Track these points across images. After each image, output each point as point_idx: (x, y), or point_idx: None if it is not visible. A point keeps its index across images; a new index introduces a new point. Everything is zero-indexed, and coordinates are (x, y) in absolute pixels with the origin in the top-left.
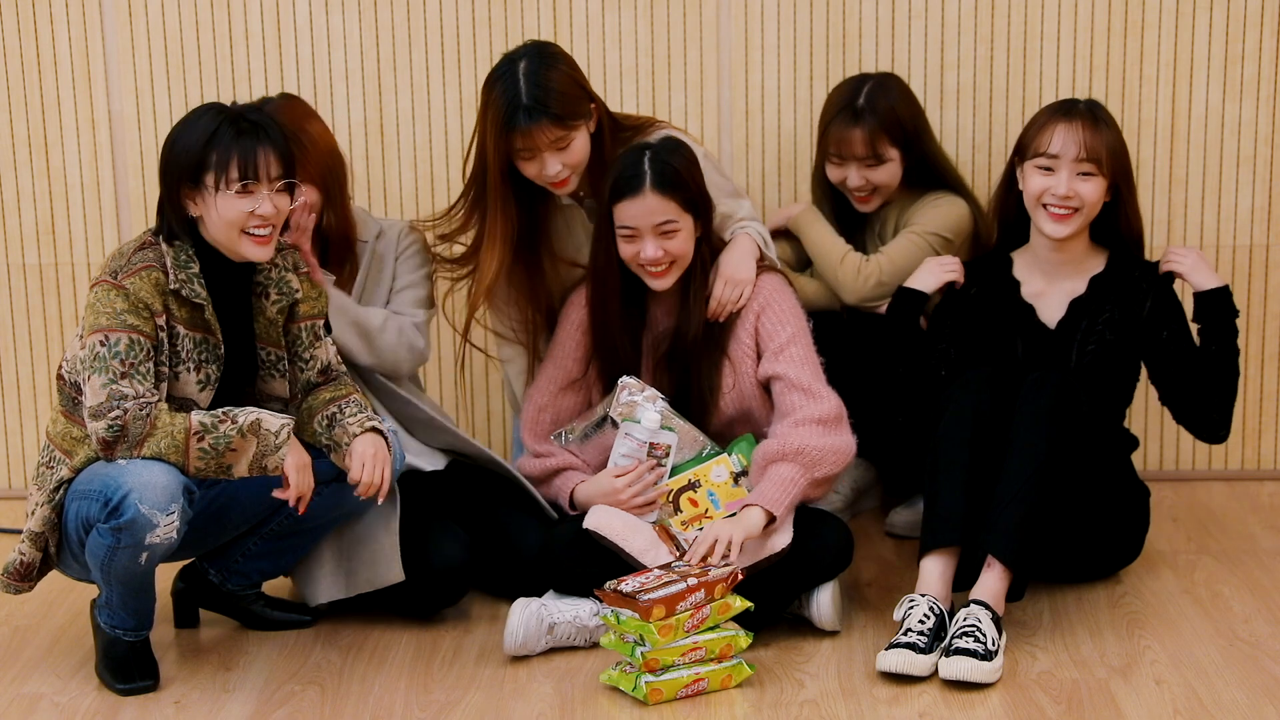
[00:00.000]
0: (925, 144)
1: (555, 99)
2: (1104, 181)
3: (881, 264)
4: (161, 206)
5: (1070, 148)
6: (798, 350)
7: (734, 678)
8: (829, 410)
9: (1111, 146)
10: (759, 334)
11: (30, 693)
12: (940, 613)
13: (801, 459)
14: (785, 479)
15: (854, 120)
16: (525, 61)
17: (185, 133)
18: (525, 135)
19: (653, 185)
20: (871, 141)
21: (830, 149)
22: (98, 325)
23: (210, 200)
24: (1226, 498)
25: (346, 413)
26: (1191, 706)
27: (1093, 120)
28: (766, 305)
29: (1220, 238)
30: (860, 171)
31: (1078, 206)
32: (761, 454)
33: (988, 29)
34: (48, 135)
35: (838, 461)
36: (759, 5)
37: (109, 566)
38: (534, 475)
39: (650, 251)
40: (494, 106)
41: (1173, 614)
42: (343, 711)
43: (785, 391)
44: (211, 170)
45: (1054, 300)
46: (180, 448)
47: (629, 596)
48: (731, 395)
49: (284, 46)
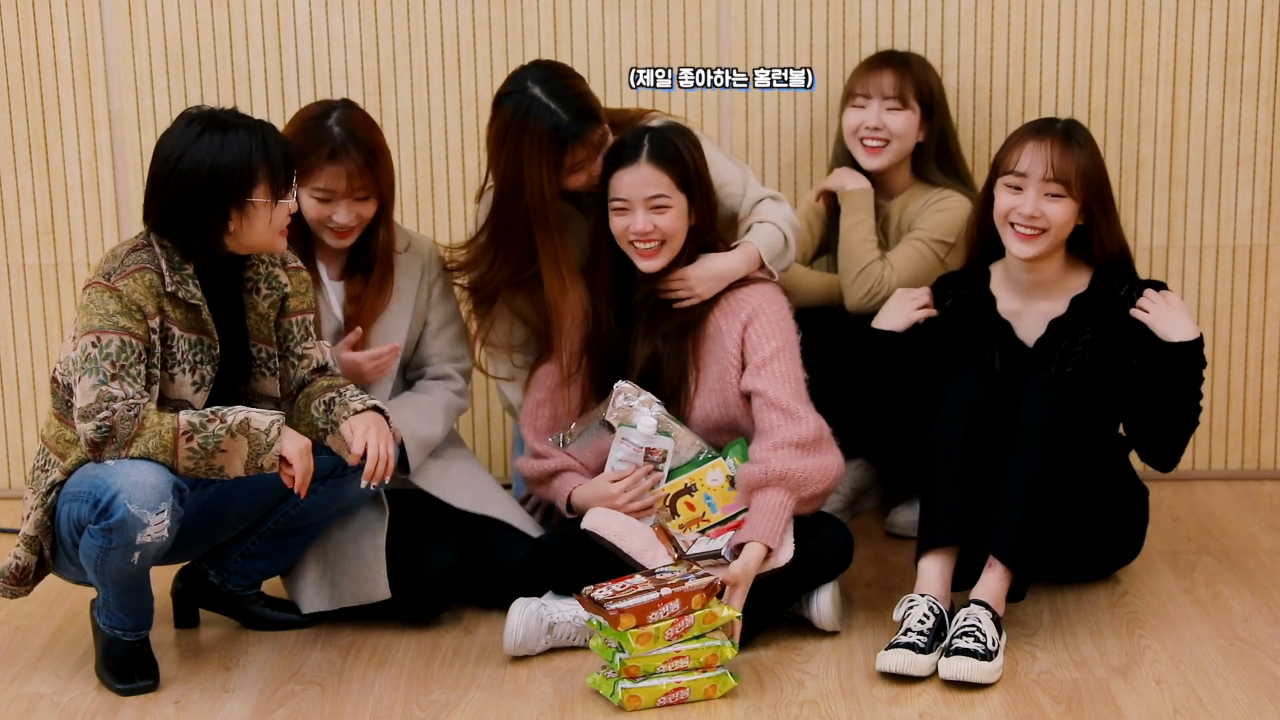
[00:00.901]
0: (944, 119)
1: (590, 104)
2: (1073, 204)
3: (890, 281)
4: (171, 221)
5: (1038, 167)
6: (781, 366)
7: (718, 688)
8: (808, 432)
9: (1084, 168)
10: (745, 344)
11: (30, 693)
12: (940, 613)
13: (786, 483)
14: (773, 505)
15: (886, 62)
16: (539, 86)
17: (223, 152)
18: (583, 147)
19: (649, 157)
20: (899, 84)
21: (856, 89)
22: (90, 326)
23: (260, 213)
24: (1226, 498)
25: (346, 395)
26: (1191, 706)
27: (1065, 140)
28: (755, 315)
29: (1220, 238)
30: (880, 113)
31: (1044, 227)
32: (744, 481)
33: (988, 29)
34: (48, 135)
35: (823, 480)
36: (759, 5)
37: (102, 568)
38: (532, 476)
39: (640, 224)
40: (534, 139)
41: (1173, 614)
42: (342, 711)
43: (764, 409)
44: (266, 182)
45: (1031, 320)
46: (168, 447)
47: (599, 604)
48: (712, 401)
49: (284, 46)
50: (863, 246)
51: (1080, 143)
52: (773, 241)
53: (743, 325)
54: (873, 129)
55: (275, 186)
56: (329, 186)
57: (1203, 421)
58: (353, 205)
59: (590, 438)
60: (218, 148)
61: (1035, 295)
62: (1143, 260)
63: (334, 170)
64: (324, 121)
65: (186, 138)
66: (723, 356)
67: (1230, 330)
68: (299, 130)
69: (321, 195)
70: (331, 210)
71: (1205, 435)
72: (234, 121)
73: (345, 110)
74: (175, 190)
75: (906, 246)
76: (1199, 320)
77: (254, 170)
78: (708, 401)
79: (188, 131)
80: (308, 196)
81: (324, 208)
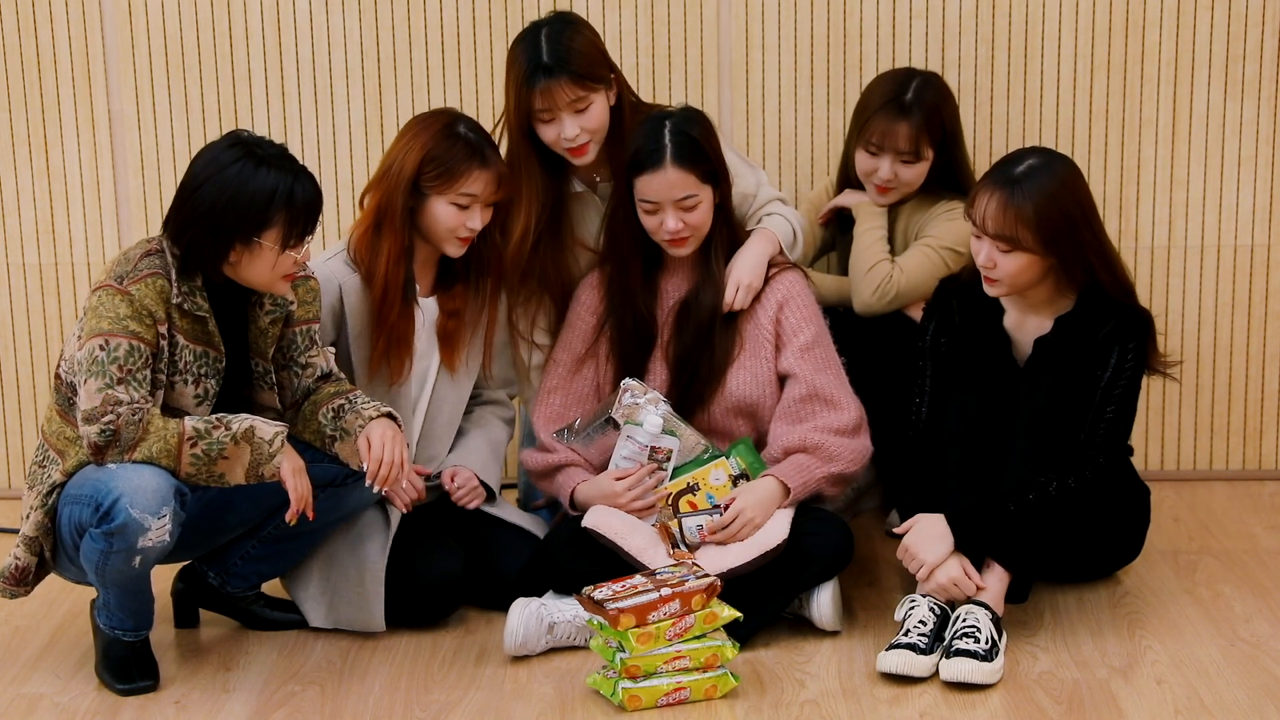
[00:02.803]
0: (956, 149)
1: (575, 58)
2: (1024, 255)
3: (900, 282)
4: (180, 234)
5: (985, 222)
6: (821, 353)
7: (719, 688)
8: (850, 420)
9: (1031, 219)
10: (780, 325)
11: (30, 693)
12: (941, 613)
13: (820, 453)
14: (804, 465)
15: (901, 114)
16: (549, 26)
17: (247, 185)
18: (545, 93)
19: (673, 159)
20: (915, 137)
21: (871, 139)
22: (98, 329)
23: (264, 256)
24: (1227, 498)
25: (357, 403)
26: (1192, 706)
27: (1008, 193)
28: (789, 299)
29: (1221, 237)
30: (894, 165)
31: (998, 277)
32: (780, 444)
33: (988, 28)
34: (48, 135)
35: (855, 461)
36: (759, 4)
37: (103, 570)
38: (536, 470)
39: (671, 224)
40: (515, 65)
41: (1174, 614)
42: (343, 711)
43: (807, 399)
44: (280, 228)
45: (1025, 336)
46: (172, 453)
47: (599, 604)
48: (744, 377)
49: (284, 45)
50: (875, 248)
51: (1031, 190)
52: (784, 230)
53: (777, 307)
54: (885, 179)
55: (287, 235)
56: (473, 192)
57: (1204, 421)
58: (484, 210)
59: (595, 434)
60: (244, 180)
61: (1029, 312)
62: (1143, 261)
63: (483, 176)
64: (457, 128)
65: (221, 161)
66: (757, 334)
67: (1231, 330)
68: (437, 140)
69: (466, 202)
70: (466, 217)
71: (1207, 435)
72: (271, 159)
73: (467, 119)
74: (191, 208)
75: (916, 251)
76: (1199, 320)
77: (270, 214)
78: (737, 378)
79: (225, 155)
80: (447, 205)
81: (462, 215)
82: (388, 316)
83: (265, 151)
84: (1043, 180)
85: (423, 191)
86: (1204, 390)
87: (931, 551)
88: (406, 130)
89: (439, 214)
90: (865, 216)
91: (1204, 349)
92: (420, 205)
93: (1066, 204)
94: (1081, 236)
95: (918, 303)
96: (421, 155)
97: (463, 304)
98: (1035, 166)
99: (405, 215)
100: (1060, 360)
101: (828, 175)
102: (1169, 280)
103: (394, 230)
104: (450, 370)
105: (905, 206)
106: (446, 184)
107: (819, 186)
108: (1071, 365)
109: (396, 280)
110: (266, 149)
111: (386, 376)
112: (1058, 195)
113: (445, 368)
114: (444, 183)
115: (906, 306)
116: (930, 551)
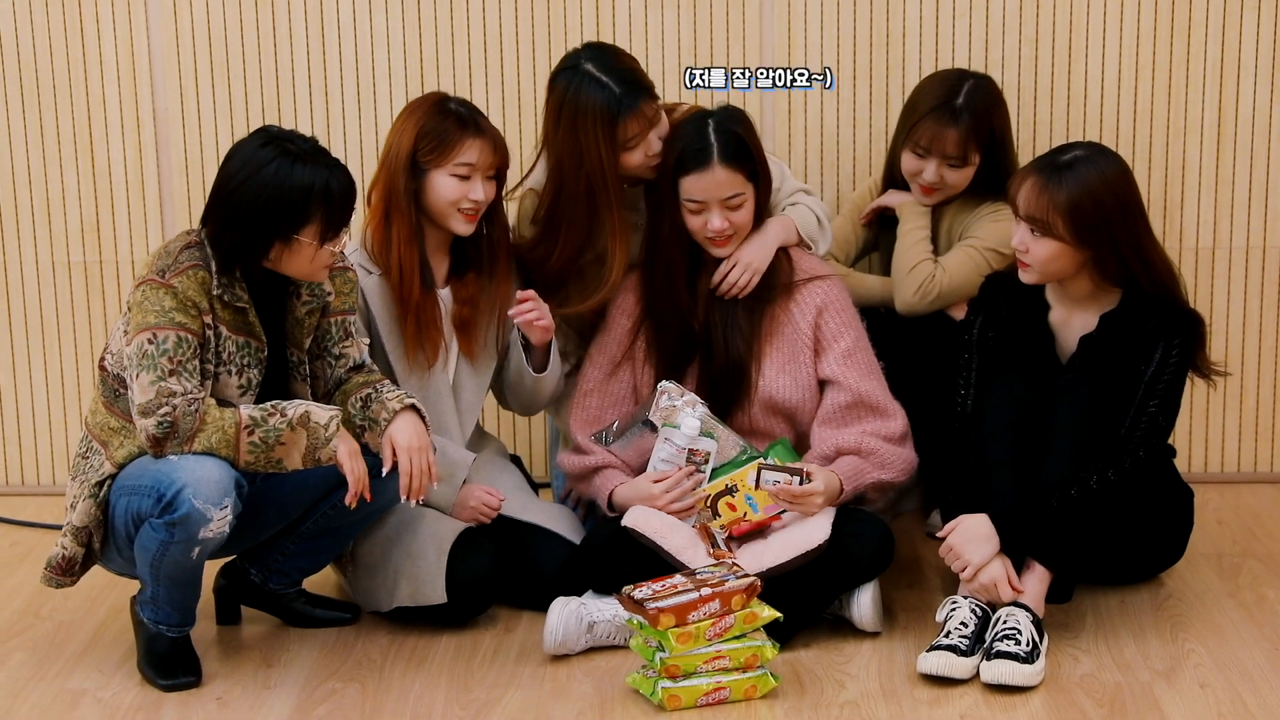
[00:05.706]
0: (1004, 152)
1: (640, 78)
2: (1056, 243)
3: (942, 282)
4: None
5: (1022, 204)
6: (864, 359)
7: (759, 688)
8: (899, 429)
9: (1066, 207)
10: (819, 330)
11: (74, 688)
12: (982, 615)
13: (874, 459)
14: (857, 468)
15: (951, 119)
16: (592, 63)
17: (284, 185)
18: (636, 118)
19: (720, 159)
20: (964, 142)
21: (920, 141)
22: (145, 323)
23: (303, 251)
24: (1273, 501)
25: (383, 392)
26: (1236, 711)
27: (1047, 179)
28: (828, 304)
29: (1267, 238)
30: (940, 168)
31: (1030, 263)
32: (832, 444)
33: (1032, 28)
34: (93, 133)
35: (904, 470)
36: (801, 5)
37: (159, 562)
38: (574, 472)
39: (717, 223)
40: (590, 111)
41: (1217, 617)
42: (383, 709)
43: (853, 405)
44: (318, 224)
45: (1070, 333)
46: (231, 442)
47: (639, 603)
48: (785, 381)
49: (327, 45)
50: (918, 247)
51: (1071, 180)
52: (806, 218)
53: (816, 312)
54: (930, 182)
55: (325, 230)
56: (469, 160)
57: (1249, 425)
58: (486, 183)
59: (633, 437)
60: (281, 179)
61: (1073, 308)
62: (1188, 262)
63: (477, 143)
64: (448, 104)
65: (256, 161)
66: (796, 338)
67: (1276, 332)
68: (428, 116)
69: (464, 172)
70: (468, 188)
71: (1251, 439)
72: (306, 155)
73: (457, 97)
74: (230, 207)
75: (960, 251)
76: (1243, 321)
77: (309, 211)
78: (777, 381)
79: (259, 154)
80: (447, 177)
81: (463, 186)
82: (411, 299)
83: (299, 147)
84: (1085, 172)
85: (421, 168)
86: (1248, 392)
87: (976, 552)
88: (399, 117)
89: (440, 188)
90: (909, 216)
91: (1249, 350)
92: (422, 184)
93: (1104, 199)
94: (1117, 233)
95: (960, 303)
96: (415, 133)
97: (476, 290)
98: (1081, 158)
99: (409, 196)
100: (1104, 357)
101: (870, 176)
102: (1213, 282)
103: (401, 213)
104: (470, 357)
105: (949, 207)
106: (442, 155)
107: (862, 186)
108: (1115, 361)
109: (411, 261)
110: (300, 144)
111: (423, 362)
112: (1097, 189)
113: (464, 355)
114: (440, 154)
115: (948, 307)
116: (975, 552)
